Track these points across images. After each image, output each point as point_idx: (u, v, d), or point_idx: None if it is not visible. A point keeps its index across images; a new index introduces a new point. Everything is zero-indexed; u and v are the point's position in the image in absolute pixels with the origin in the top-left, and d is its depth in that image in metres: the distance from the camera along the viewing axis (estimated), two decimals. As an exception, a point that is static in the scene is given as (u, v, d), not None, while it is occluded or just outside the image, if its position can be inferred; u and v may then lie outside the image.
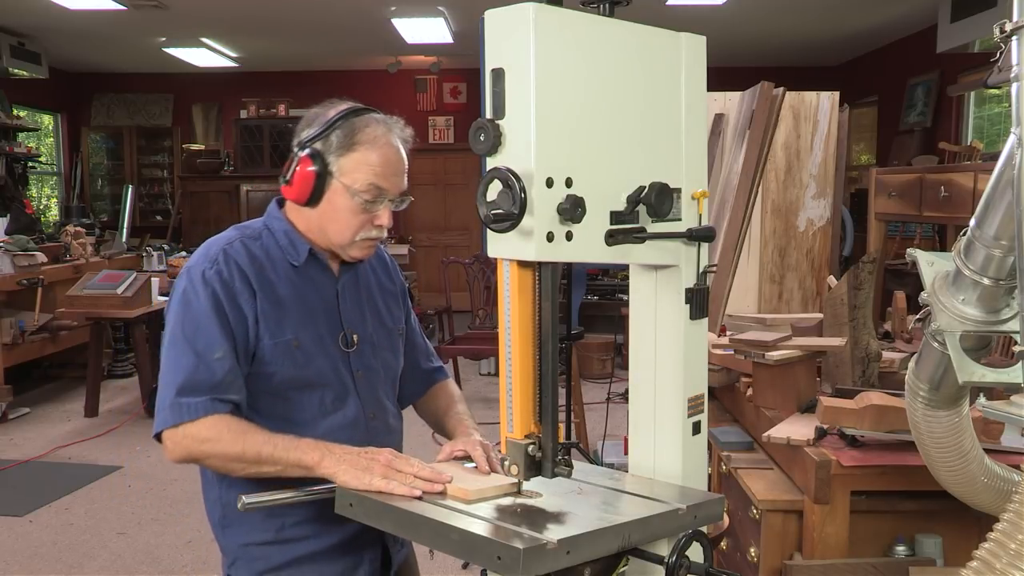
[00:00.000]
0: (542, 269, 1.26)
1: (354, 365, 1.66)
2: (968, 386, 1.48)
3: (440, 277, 6.99)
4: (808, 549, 2.00)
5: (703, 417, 1.41)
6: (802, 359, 2.35)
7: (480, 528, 1.19)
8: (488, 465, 1.45)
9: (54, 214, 10.37)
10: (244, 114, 10.47)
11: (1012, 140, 1.20)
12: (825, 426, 2.06)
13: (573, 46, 1.19)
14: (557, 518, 1.22)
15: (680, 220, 1.35)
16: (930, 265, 1.51)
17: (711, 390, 2.16)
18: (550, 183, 1.16)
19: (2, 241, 6.68)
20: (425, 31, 8.32)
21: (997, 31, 1.18)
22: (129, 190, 9.35)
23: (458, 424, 1.72)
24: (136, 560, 3.85)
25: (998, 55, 1.28)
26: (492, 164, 1.18)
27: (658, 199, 1.26)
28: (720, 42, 8.36)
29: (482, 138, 1.18)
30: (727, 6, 7.28)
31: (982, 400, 1.40)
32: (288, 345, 1.57)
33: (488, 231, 1.19)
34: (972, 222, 1.38)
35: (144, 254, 7.96)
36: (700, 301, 1.37)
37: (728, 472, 2.34)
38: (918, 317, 1.56)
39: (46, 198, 10.70)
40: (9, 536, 4.11)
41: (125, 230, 8.87)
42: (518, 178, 1.13)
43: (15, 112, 9.17)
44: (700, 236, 1.35)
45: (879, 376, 2.39)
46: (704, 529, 1.30)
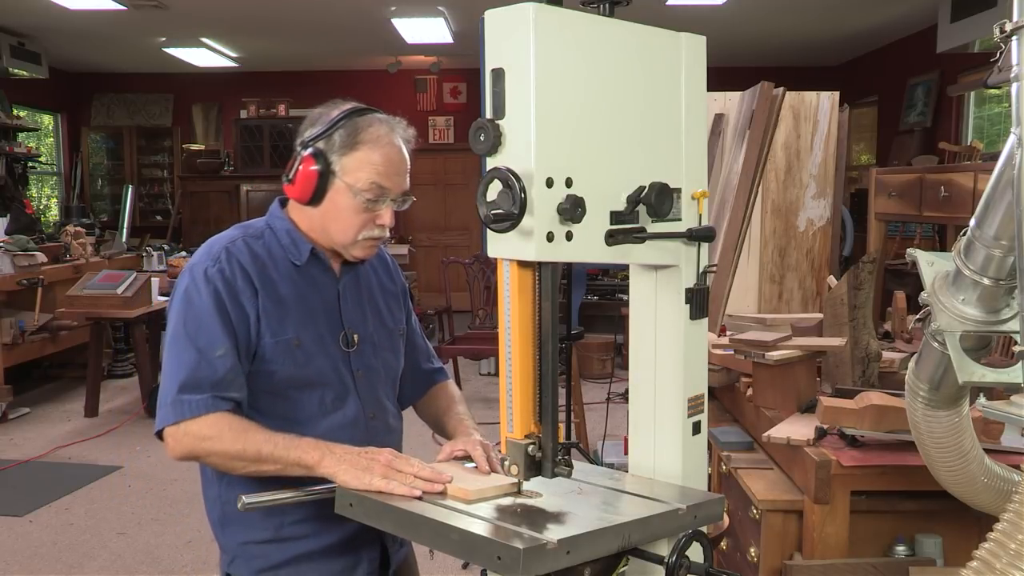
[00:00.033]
0: (542, 269, 1.26)
1: (354, 365, 1.66)
2: (968, 386, 1.48)
3: (440, 277, 6.99)
4: (808, 549, 2.00)
5: (703, 417, 1.41)
6: (802, 359, 2.35)
7: (480, 528, 1.19)
8: (488, 465, 1.45)
9: (54, 214, 10.37)
10: (244, 114, 10.47)
11: (1012, 140, 1.20)
12: (825, 426, 2.06)
13: (573, 46, 1.19)
14: (557, 518, 1.22)
15: (680, 220, 1.35)
16: (930, 265, 1.51)
17: (711, 390, 2.16)
18: (550, 183, 1.16)
19: (2, 241, 6.68)
20: (425, 31, 8.32)
21: (997, 31, 1.18)
22: (129, 190, 9.35)
23: (458, 424, 1.72)
24: (136, 560, 3.85)
25: (998, 55, 1.28)
26: (492, 164, 1.18)
27: (658, 199, 1.26)
28: (720, 42, 8.36)
29: (482, 138, 1.18)
30: (727, 6, 7.28)
31: (982, 400, 1.40)
32: (289, 344, 1.58)
33: (488, 231, 1.19)
34: (972, 222, 1.38)
35: (144, 254, 7.97)
36: (700, 301, 1.37)
37: (728, 472, 2.34)
38: (918, 317, 1.56)
39: (46, 198, 10.70)
40: (9, 536, 4.11)
41: (125, 230, 8.87)
42: (518, 178, 1.13)
43: (15, 112, 9.17)
44: (700, 236, 1.35)
45: (879, 376, 2.39)
46: (704, 529, 1.30)
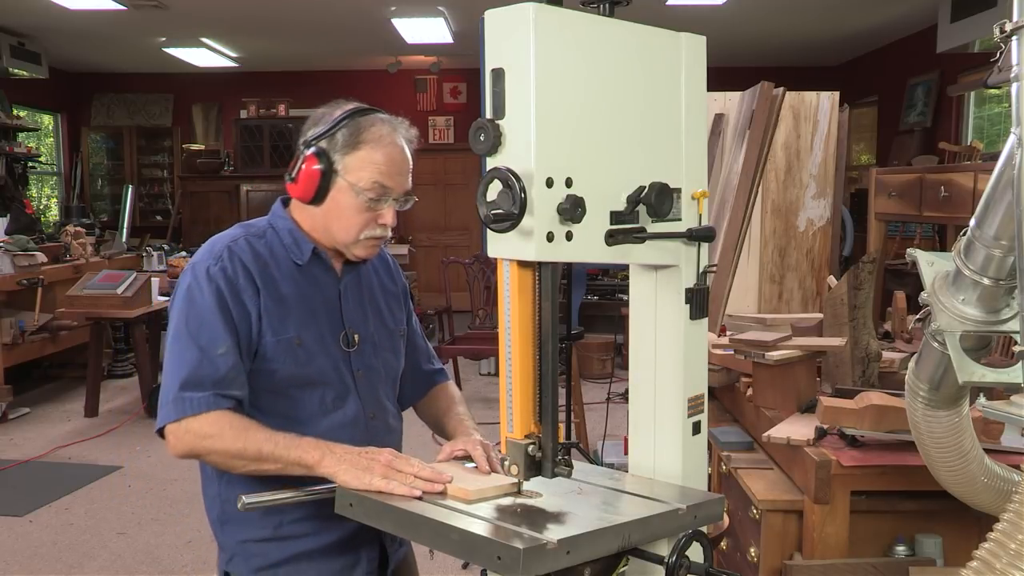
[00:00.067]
0: (542, 269, 1.26)
1: (355, 364, 1.66)
2: (968, 386, 1.48)
3: (440, 277, 6.99)
4: (808, 549, 2.00)
5: (703, 417, 1.41)
6: (802, 359, 2.35)
7: (480, 528, 1.19)
8: (488, 465, 1.45)
9: (54, 214, 10.37)
10: (244, 114, 10.47)
11: (1012, 140, 1.20)
12: (825, 426, 2.06)
13: (573, 46, 1.19)
14: (557, 518, 1.22)
15: (680, 220, 1.35)
16: (930, 265, 1.51)
17: (711, 390, 2.16)
18: (550, 183, 1.16)
19: (2, 241, 6.68)
20: (425, 31, 8.32)
21: (997, 31, 1.18)
22: (129, 190, 9.35)
23: (458, 425, 1.72)
24: (136, 560, 3.85)
25: (998, 55, 1.28)
26: (492, 164, 1.18)
27: (658, 199, 1.26)
28: (720, 42, 8.36)
29: (482, 138, 1.18)
30: (727, 6, 7.28)
31: (982, 400, 1.40)
32: (290, 343, 1.58)
33: (488, 231, 1.19)
34: (972, 222, 1.38)
35: (144, 254, 7.97)
36: (700, 301, 1.37)
37: (728, 472, 2.34)
38: (918, 317, 1.56)
39: (46, 198, 10.70)
40: (9, 536, 4.11)
41: (125, 230, 8.87)
42: (518, 178, 1.13)
43: (15, 112, 9.17)
44: (700, 236, 1.35)
45: (879, 376, 2.39)
46: (704, 529, 1.30)
